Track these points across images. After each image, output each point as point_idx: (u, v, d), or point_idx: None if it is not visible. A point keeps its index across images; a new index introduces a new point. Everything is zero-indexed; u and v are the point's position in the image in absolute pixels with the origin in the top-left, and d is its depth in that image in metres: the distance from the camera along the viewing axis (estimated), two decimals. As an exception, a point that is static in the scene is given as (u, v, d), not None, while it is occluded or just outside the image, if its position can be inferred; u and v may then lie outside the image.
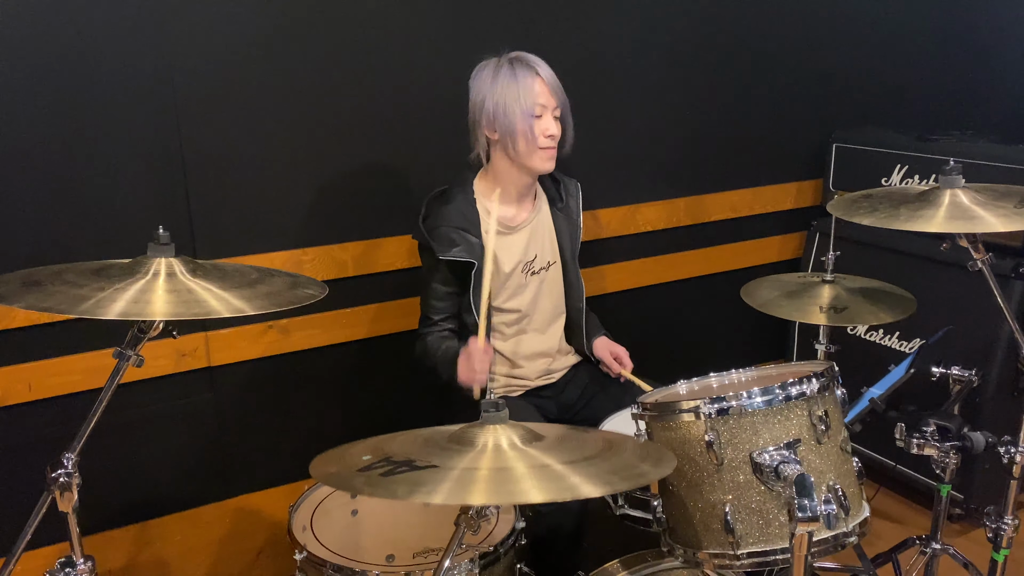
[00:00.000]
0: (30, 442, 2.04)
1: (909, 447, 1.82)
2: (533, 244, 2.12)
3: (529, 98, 1.95)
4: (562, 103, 2.01)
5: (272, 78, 2.14)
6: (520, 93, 1.95)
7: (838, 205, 1.86)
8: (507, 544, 1.71)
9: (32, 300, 1.28)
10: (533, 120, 1.96)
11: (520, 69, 1.97)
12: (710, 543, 1.43)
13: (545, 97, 1.97)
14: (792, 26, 2.96)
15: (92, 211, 2.01)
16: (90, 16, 1.92)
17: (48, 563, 1.42)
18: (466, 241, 2.00)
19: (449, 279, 2.04)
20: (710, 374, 1.69)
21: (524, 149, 1.98)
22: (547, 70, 1.99)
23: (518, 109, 1.95)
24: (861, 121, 3.13)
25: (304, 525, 1.83)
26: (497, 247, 2.05)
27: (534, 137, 1.97)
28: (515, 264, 2.09)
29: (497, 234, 2.05)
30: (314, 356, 2.34)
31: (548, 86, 1.98)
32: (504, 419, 1.29)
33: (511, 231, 2.09)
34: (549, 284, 2.16)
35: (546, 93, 1.98)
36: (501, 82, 1.96)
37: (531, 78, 1.96)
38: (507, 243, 2.08)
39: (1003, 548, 1.87)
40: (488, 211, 2.03)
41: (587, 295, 2.25)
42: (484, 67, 2.01)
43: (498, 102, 1.96)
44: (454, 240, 2.00)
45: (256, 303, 1.36)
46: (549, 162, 2.03)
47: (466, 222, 2.03)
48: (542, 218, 2.16)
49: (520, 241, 2.10)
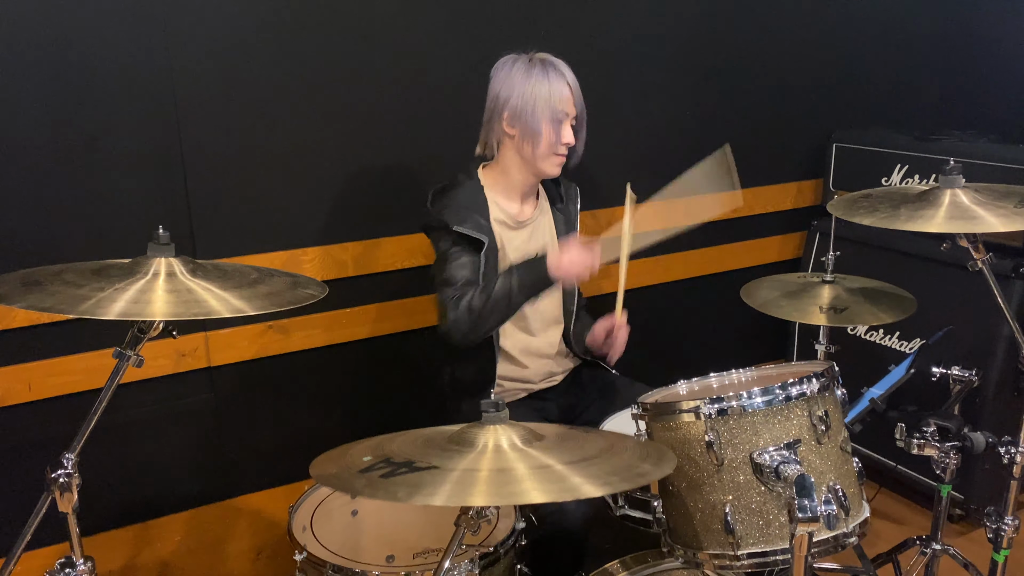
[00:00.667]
0: (30, 442, 2.04)
1: (909, 447, 1.82)
2: (535, 242, 2.12)
3: (560, 104, 1.96)
4: (583, 115, 2.02)
5: (272, 78, 2.14)
6: (552, 96, 1.95)
7: (838, 205, 1.86)
8: (507, 544, 1.71)
9: (32, 300, 1.28)
10: (558, 126, 1.97)
11: (552, 72, 1.96)
12: (710, 543, 1.44)
13: (572, 106, 1.98)
14: (793, 26, 2.96)
15: (92, 211, 2.01)
16: (90, 16, 1.92)
17: (48, 563, 1.42)
18: (475, 221, 2.00)
19: (468, 250, 2.01)
20: (710, 374, 1.69)
21: (542, 152, 1.99)
22: (573, 78, 2.00)
23: (548, 112, 1.95)
24: (861, 121, 3.13)
25: (304, 525, 1.83)
26: (506, 243, 2.06)
27: (556, 142, 1.98)
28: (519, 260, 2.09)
29: (503, 226, 2.06)
30: (314, 356, 2.34)
31: (574, 95, 1.99)
32: (504, 419, 1.29)
33: (517, 227, 2.09)
34: None
35: (572, 101, 1.98)
36: (533, 81, 1.95)
37: (562, 83, 1.96)
38: (512, 237, 2.08)
39: (1003, 548, 1.87)
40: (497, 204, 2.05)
41: (587, 295, 2.24)
42: (512, 62, 1.99)
43: (527, 101, 1.95)
44: (464, 218, 1.99)
45: (256, 303, 1.36)
46: (558, 168, 2.04)
47: (475, 205, 2.03)
48: (544, 217, 2.16)
49: (523, 238, 2.10)
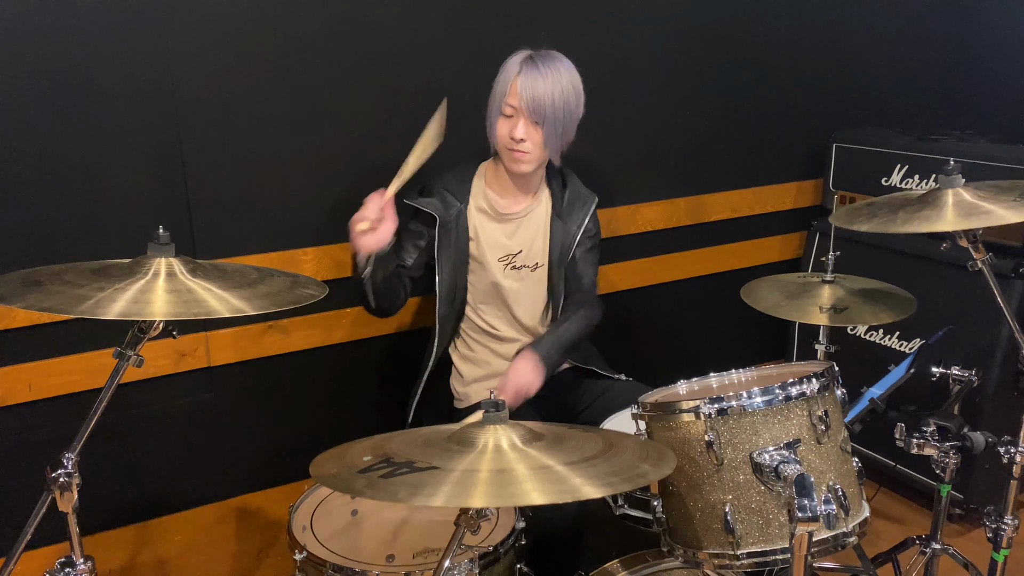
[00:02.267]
0: (30, 442, 2.04)
1: (909, 447, 1.82)
2: (520, 238, 2.12)
3: (502, 97, 1.97)
4: (535, 111, 1.93)
5: (272, 78, 2.14)
6: (497, 89, 1.99)
7: (840, 216, 1.85)
8: (507, 544, 1.71)
9: (32, 300, 1.28)
10: (501, 119, 1.98)
11: (514, 66, 1.96)
12: (710, 543, 1.44)
13: (515, 99, 1.94)
14: (792, 26, 2.96)
15: (92, 211, 2.01)
16: (90, 16, 1.92)
17: (48, 563, 1.42)
18: (443, 199, 2.06)
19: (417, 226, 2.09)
20: (710, 374, 1.69)
21: (495, 146, 2.03)
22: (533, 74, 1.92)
23: (495, 105, 1.99)
24: (861, 121, 3.13)
25: (304, 525, 1.83)
26: (480, 231, 2.09)
27: (494, 134, 2.01)
28: (495, 252, 2.10)
29: (482, 214, 2.10)
30: (314, 356, 2.35)
31: (520, 89, 1.93)
32: (504, 419, 1.29)
33: (499, 218, 2.10)
34: (532, 284, 2.15)
35: (516, 96, 1.94)
36: (499, 74, 1.99)
37: (512, 76, 1.95)
38: (491, 228, 2.09)
39: (1003, 548, 1.87)
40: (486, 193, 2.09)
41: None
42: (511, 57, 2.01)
43: (493, 95, 2.00)
44: (429, 192, 2.07)
45: (256, 303, 1.36)
46: (516, 164, 2.01)
47: (455, 186, 2.08)
48: (537, 217, 2.14)
49: (505, 231, 2.11)
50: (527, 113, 1.95)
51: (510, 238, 2.11)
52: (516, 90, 1.95)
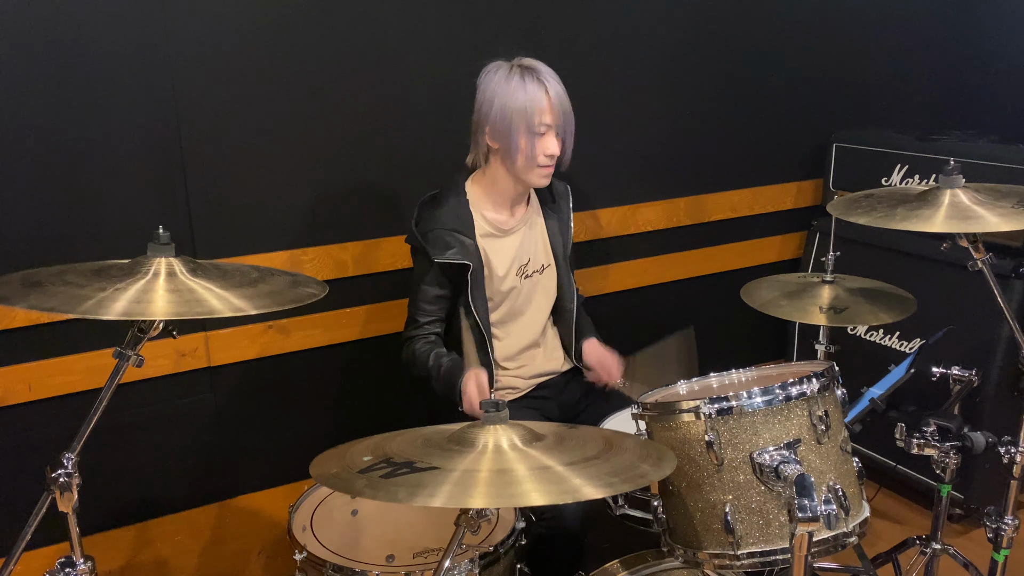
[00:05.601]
0: (30, 442, 2.04)
1: (909, 447, 1.82)
2: (526, 247, 2.12)
3: (535, 116, 1.90)
4: (567, 123, 1.96)
5: (273, 78, 2.14)
6: (528, 108, 1.90)
7: (837, 205, 1.85)
8: (507, 544, 1.71)
9: (33, 300, 1.28)
10: (536, 139, 1.93)
11: (531, 83, 1.91)
12: (710, 543, 1.44)
13: (550, 116, 1.93)
14: (792, 26, 2.96)
15: (92, 211, 2.01)
16: (90, 16, 1.92)
17: (48, 563, 1.42)
18: (460, 243, 1.99)
19: (443, 282, 2.02)
20: (710, 374, 1.69)
21: (522, 165, 1.96)
22: (556, 87, 1.93)
23: (523, 125, 1.91)
24: (861, 121, 3.13)
25: (304, 525, 1.83)
26: (490, 250, 2.05)
27: (534, 156, 1.94)
28: (508, 267, 2.08)
29: (490, 237, 2.06)
30: (314, 356, 2.34)
31: (555, 105, 1.92)
32: (504, 419, 1.29)
33: (504, 234, 2.08)
34: (544, 286, 2.16)
35: (552, 112, 1.92)
36: (510, 92, 1.91)
37: (540, 93, 1.91)
38: (499, 246, 2.08)
39: (1003, 548, 1.87)
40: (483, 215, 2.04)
41: (587, 295, 2.24)
42: (494, 70, 1.96)
43: (505, 115, 1.91)
44: (448, 243, 1.98)
45: (256, 302, 1.36)
46: (544, 179, 2.01)
47: (460, 224, 2.01)
48: (535, 221, 2.15)
49: (513, 244, 2.10)
50: (557, 128, 1.95)
51: (517, 249, 2.11)
52: (551, 107, 1.92)
